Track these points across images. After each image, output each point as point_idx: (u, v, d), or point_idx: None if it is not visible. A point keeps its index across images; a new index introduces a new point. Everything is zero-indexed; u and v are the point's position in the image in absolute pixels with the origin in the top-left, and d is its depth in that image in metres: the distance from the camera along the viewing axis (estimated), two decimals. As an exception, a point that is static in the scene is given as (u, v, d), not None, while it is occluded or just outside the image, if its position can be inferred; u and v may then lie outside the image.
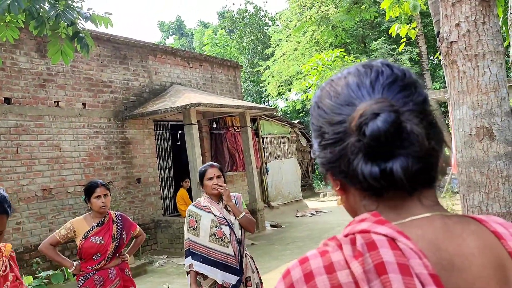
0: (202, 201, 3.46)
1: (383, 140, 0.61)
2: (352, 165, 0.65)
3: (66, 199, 8.12)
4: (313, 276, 0.58)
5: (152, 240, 9.42)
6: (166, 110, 9.10)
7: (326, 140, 0.69)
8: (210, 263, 3.29)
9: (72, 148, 8.33)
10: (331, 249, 0.61)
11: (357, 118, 0.63)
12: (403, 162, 0.62)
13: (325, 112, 0.70)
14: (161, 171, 10.24)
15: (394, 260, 0.55)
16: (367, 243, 0.58)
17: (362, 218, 0.64)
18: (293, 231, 10.87)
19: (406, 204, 0.65)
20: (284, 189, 14.62)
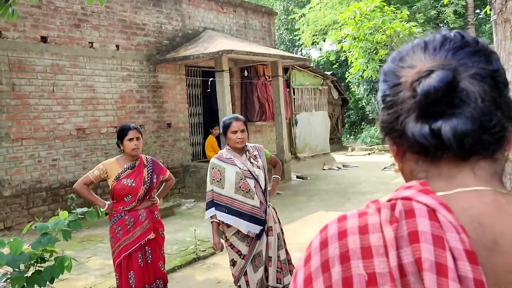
0: (224, 154, 3.48)
1: (435, 98, 0.60)
2: (404, 124, 0.64)
3: (99, 140, 8.36)
4: (346, 234, 0.60)
5: (180, 184, 9.69)
6: (198, 56, 9.04)
7: (386, 102, 0.69)
8: (235, 214, 3.36)
9: (105, 90, 8.45)
10: (370, 212, 0.62)
11: (412, 76, 0.63)
12: (453, 122, 0.60)
13: (385, 75, 0.71)
14: (191, 117, 10.34)
15: (429, 230, 0.54)
16: (406, 211, 0.57)
17: (409, 185, 0.63)
18: (318, 184, 10.96)
19: (457, 174, 0.63)
20: (312, 141, 14.58)
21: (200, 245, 5.84)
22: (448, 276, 0.51)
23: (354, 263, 0.57)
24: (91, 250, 6.04)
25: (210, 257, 5.63)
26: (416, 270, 0.53)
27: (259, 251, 3.42)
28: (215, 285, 4.72)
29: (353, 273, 0.56)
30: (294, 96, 13.90)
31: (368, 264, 0.56)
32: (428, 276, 0.51)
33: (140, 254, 3.53)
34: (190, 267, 5.31)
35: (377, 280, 0.55)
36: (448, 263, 0.52)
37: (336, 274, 0.57)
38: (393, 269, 0.54)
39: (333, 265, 0.58)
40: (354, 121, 24.05)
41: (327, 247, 0.60)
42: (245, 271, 3.41)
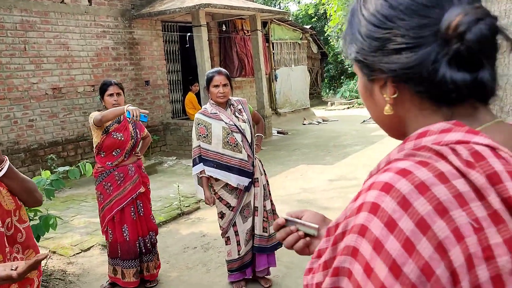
0: (209, 109, 3.45)
1: (486, 47, 0.59)
2: (437, 71, 0.62)
3: (76, 99, 8.20)
4: (427, 186, 0.55)
5: (161, 142, 9.66)
6: (175, 10, 8.78)
7: (399, 44, 0.64)
8: (224, 168, 3.40)
9: (80, 47, 8.20)
10: (431, 160, 0.58)
11: (458, 22, 0.60)
12: (490, 72, 0.62)
13: (402, 13, 0.64)
14: (169, 74, 10.17)
15: (503, 169, 0.56)
16: (472, 154, 0.57)
17: (443, 128, 0.62)
18: (299, 138, 11.07)
19: (476, 113, 0.66)
20: (292, 96, 14.59)
21: (184, 201, 5.92)
22: None
23: (455, 213, 0.54)
24: (75, 209, 6.07)
25: (194, 212, 5.74)
26: (505, 209, 0.54)
27: (248, 202, 3.50)
28: (200, 238, 4.83)
29: (459, 223, 0.53)
30: (273, 51, 13.74)
31: (468, 211, 0.54)
32: None
33: (132, 207, 3.58)
34: (175, 222, 5.41)
35: (482, 225, 0.53)
36: None
37: (441, 229, 0.53)
38: (499, 211, 0.54)
39: (432, 222, 0.53)
40: (333, 76, 24.03)
41: (411, 205, 0.54)
42: (233, 222, 3.50)
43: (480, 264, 0.52)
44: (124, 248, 3.57)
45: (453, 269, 0.52)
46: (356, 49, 0.71)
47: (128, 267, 3.60)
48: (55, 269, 4.17)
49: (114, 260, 3.64)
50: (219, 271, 4.00)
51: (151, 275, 3.74)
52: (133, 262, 3.60)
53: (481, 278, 0.52)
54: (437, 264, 0.52)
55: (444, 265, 0.52)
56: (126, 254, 3.58)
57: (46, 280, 3.93)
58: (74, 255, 4.51)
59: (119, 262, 3.61)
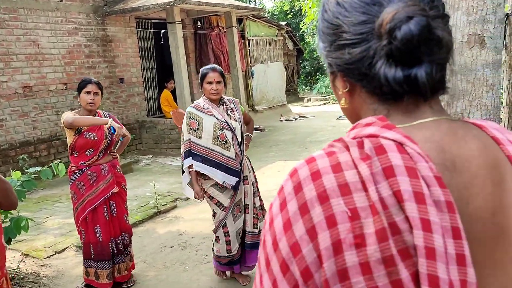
0: (202, 103, 3.45)
1: (415, 45, 0.60)
2: (374, 67, 0.64)
3: (48, 98, 8.01)
4: (320, 174, 0.60)
5: (137, 140, 9.54)
6: (148, 7, 8.67)
7: (345, 40, 0.67)
8: (212, 164, 3.38)
9: (51, 44, 8.01)
10: (338, 150, 0.62)
11: (389, 20, 0.61)
12: (428, 69, 0.62)
13: (346, 10, 0.67)
14: (144, 71, 10.04)
15: (402, 163, 0.57)
16: (376, 147, 0.59)
17: (368, 122, 0.64)
18: (276, 135, 11.10)
19: (417, 109, 0.66)
20: (269, 93, 14.61)
21: (161, 199, 5.86)
22: (426, 203, 0.55)
23: (334, 201, 0.58)
24: (48, 210, 5.94)
25: (171, 211, 5.69)
26: (395, 201, 0.56)
27: (238, 201, 3.50)
28: (178, 237, 4.80)
29: (335, 211, 0.57)
30: (249, 48, 13.73)
31: (348, 200, 0.57)
32: (409, 205, 0.55)
33: (105, 208, 3.52)
34: (151, 221, 5.35)
35: (359, 215, 0.56)
36: (424, 190, 0.56)
37: (317, 215, 0.58)
38: (375, 203, 0.56)
39: (312, 207, 0.58)
40: (309, 72, 24.18)
41: (302, 190, 0.60)
42: (224, 223, 3.48)
43: (348, 249, 0.56)
44: (97, 249, 3.52)
45: (319, 251, 0.57)
46: (321, 45, 0.74)
47: (102, 268, 3.54)
48: (28, 272, 4.07)
49: (87, 261, 3.57)
50: (197, 269, 3.98)
51: (122, 277, 3.68)
52: (106, 263, 3.54)
53: (348, 262, 0.56)
54: (305, 244, 0.58)
55: (312, 246, 0.57)
56: (100, 255, 3.52)
57: (19, 284, 3.83)
58: (47, 257, 4.41)
59: (92, 263, 3.55)
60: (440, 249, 0.54)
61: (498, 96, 1.89)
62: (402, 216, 0.55)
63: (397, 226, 0.55)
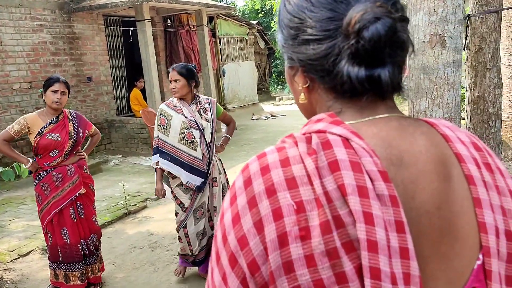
0: (174, 101, 3.45)
1: (381, 45, 0.61)
2: (337, 65, 0.64)
3: (12, 96, 7.75)
4: (269, 169, 0.61)
5: (106, 140, 9.36)
6: (117, 4, 8.51)
7: (309, 35, 0.66)
8: (177, 163, 3.37)
9: (15, 42, 7.76)
10: (287, 146, 0.64)
11: (357, 20, 0.61)
12: (391, 70, 0.63)
13: (313, 5, 0.67)
14: (113, 70, 9.85)
15: (347, 158, 0.58)
16: (322, 142, 0.60)
17: (318, 118, 0.65)
18: (248, 133, 11.11)
19: (371, 106, 0.67)
20: (241, 92, 14.60)
21: (130, 200, 5.77)
22: (369, 196, 0.56)
23: (281, 194, 0.58)
24: (12, 212, 5.76)
25: (141, 211, 5.61)
26: (340, 195, 0.56)
27: (202, 203, 3.48)
28: (148, 237, 4.74)
29: (281, 204, 0.58)
30: (220, 46, 13.68)
31: (294, 193, 0.58)
32: (352, 199, 0.56)
33: (72, 209, 3.44)
34: (121, 222, 5.26)
35: (305, 208, 0.57)
36: (367, 184, 0.56)
37: (264, 208, 0.59)
38: (319, 196, 0.57)
39: (260, 200, 0.59)
40: (281, 71, 24.26)
41: (251, 185, 0.61)
42: (184, 224, 3.46)
43: (294, 242, 0.56)
44: (65, 251, 3.43)
45: (265, 243, 0.58)
46: (281, 37, 0.74)
47: (73, 270, 3.46)
48: (-10, 277, 3.94)
49: (55, 264, 3.48)
50: (167, 269, 3.94)
51: (95, 278, 3.62)
52: (77, 265, 3.46)
53: (293, 255, 0.56)
54: (252, 237, 0.59)
55: (259, 239, 0.58)
56: (68, 257, 3.44)
57: (-19, 289, 3.70)
58: (11, 261, 4.27)
59: (61, 266, 3.46)
60: (382, 242, 0.54)
61: (459, 95, 1.94)
62: (346, 209, 0.56)
63: (341, 219, 0.56)
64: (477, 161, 0.67)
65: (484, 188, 0.65)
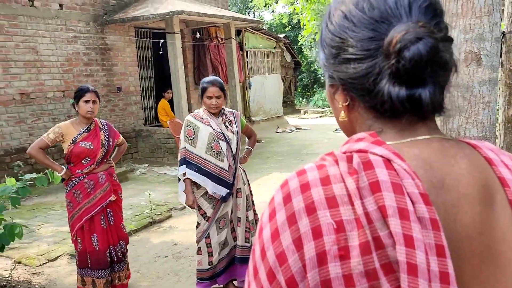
0: (201, 113, 3.49)
1: (422, 65, 0.61)
2: (378, 84, 0.64)
3: (45, 104, 8.00)
4: (309, 186, 0.61)
5: (133, 149, 9.52)
6: (148, 17, 8.72)
7: (350, 54, 0.67)
8: (204, 174, 3.40)
9: (50, 52, 8.02)
10: (328, 164, 0.64)
11: (399, 39, 0.61)
12: (432, 90, 0.63)
13: (354, 25, 0.67)
14: (142, 81, 10.06)
15: (388, 179, 0.58)
16: (363, 162, 0.60)
17: (360, 137, 0.65)
18: (273, 146, 11.12)
19: (412, 127, 0.67)
20: (266, 104, 14.66)
21: (155, 209, 5.84)
22: (410, 219, 0.56)
23: (321, 213, 0.59)
24: (42, 217, 5.90)
25: (166, 221, 5.67)
26: (380, 216, 0.56)
27: (224, 214, 3.49)
28: (172, 247, 4.77)
29: (321, 222, 0.58)
30: (247, 59, 13.80)
31: (334, 212, 0.58)
32: (393, 221, 0.56)
33: (102, 216, 3.51)
34: (145, 231, 5.32)
35: (345, 227, 0.57)
36: (408, 207, 0.56)
37: (304, 226, 0.59)
38: (360, 216, 0.57)
39: (300, 218, 0.60)
40: (306, 84, 24.30)
41: (291, 201, 0.61)
42: (207, 234, 3.47)
43: (332, 261, 0.57)
44: (94, 258, 3.49)
45: (304, 261, 0.58)
46: (322, 56, 0.75)
47: (99, 276, 3.51)
48: (20, 280, 4.04)
49: (83, 270, 3.54)
50: (191, 280, 3.95)
51: (122, 285, 3.67)
52: (104, 272, 3.51)
53: (331, 273, 0.57)
54: (291, 254, 0.59)
55: (298, 256, 0.59)
56: (96, 263, 3.49)
57: (10, 292, 3.80)
58: (40, 265, 4.37)
59: (89, 272, 3.52)
60: (422, 266, 0.54)
61: (494, 114, 1.91)
62: (386, 231, 0.56)
63: (381, 241, 0.56)
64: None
65: None
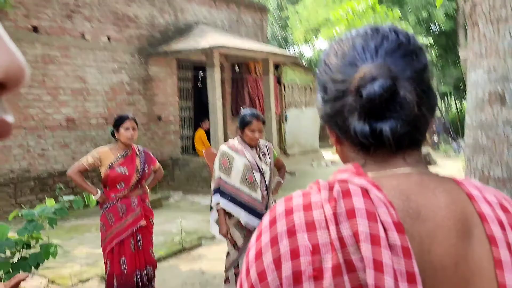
0: (236, 144, 3.54)
1: (377, 103, 0.67)
2: (347, 121, 0.71)
3: (89, 131, 8.38)
4: (292, 211, 0.67)
5: (169, 177, 9.74)
6: (190, 50, 9.08)
7: (327, 95, 0.75)
8: (237, 204, 3.44)
9: (96, 81, 8.47)
10: (312, 192, 0.69)
11: (357, 80, 0.68)
12: (392, 124, 0.68)
13: (330, 70, 0.75)
14: (181, 111, 10.38)
15: (363, 207, 0.63)
16: (343, 191, 0.65)
17: (344, 169, 0.71)
18: (307, 180, 11.06)
19: (390, 160, 0.72)
20: (302, 137, 14.68)
21: (186, 236, 5.92)
22: (381, 245, 0.60)
23: (299, 236, 0.63)
24: (78, 239, 6.10)
25: (196, 249, 5.72)
26: (354, 241, 0.61)
27: None
28: (200, 276, 4.81)
29: (299, 244, 0.63)
30: (285, 92, 13.97)
31: (312, 236, 0.63)
32: (364, 246, 0.60)
33: (132, 240, 3.61)
34: (175, 258, 5.39)
35: (320, 250, 0.62)
36: (380, 233, 0.60)
37: (284, 246, 0.64)
38: (334, 240, 0.61)
39: (281, 240, 0.65)
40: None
41: (275, 224, 0.67)
42: (237, 264, 3.49)
43: (307, 281, 0.61)
44: (120, 281, 3.58)
45: (281, 279, 0.63)
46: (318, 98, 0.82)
47: (125, 299, 3.59)
48: (52, 299, 4.17)
49: (110, 292, 3.63)
50: (215, 309, 3.96)
51: (147, 309, 3.72)
52: None
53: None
54: (270, 273, 0.64)
55: (276, 275, 0.63)
56: (123, 286, 3.58)
57: (42, 309, 3.92)
58: (72, 286, 4.50)
59: (115, 294, 3.60)
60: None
61: (519, 154, 1.89)
62: (359, 255, 0.60)
63: (353, 264, 0.59)
64: (501, 222, 0.67)
65: (507, 250, 0.65)
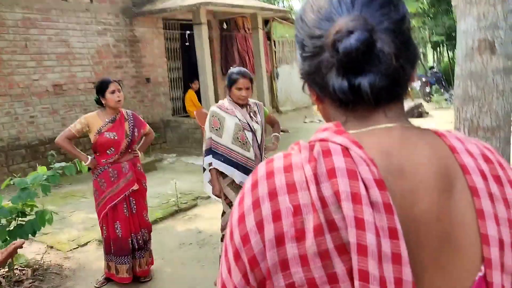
0: (226, 104, 3.51)
1: (354, 57, 0.64)
2: (325, 78, 0.69)
3: (77, 96, 8.26)
4: (273, 174, 0.66)
5: (161, 139, 9.71)
6: (175, 8, 8.82)
7: (306, 52, 0.72)
8: (231, 164, 3.45)
9: (81, 44, 8.26)
10: (294, 153, 0.68)
11: (333, 35, 0.66)
12: (371, 79, 0.65)
13: (307, 26, 0.72)
14: (170, 72, 10.22)
15: (344, 166, 0.61)
16: (323, 151, 0.64)
17: (325, 127, 0.69)
18: (300, 136, 11.09)
19: (371, 116, 0.70)
20: (294, 94, 14.60)
21: (181, 197, 5.97)
22: (362, 203, 0.59)
23: (281, 198, 0.63)
24: (73, 205, 6.14)
25: (191, 209, 5.79)
26: (335, 201, 0.60)
27: None
28: (196, 235, 4.89)
29: (281, 206, 0.62)
30: (275, 49, 13.76)
31: (293, 197, 0.62)
32: (345, 204, 0.59)
33: (125, 204, 3.63)
34: (171, 219, 5.46)
35: (302, 211, 0.61)
36: (361, 191, 0.59)
37: (266, 209, 0.63)
38: (315, 200, 0.60)
39: (263, 202, 0.64)
40: (336, 74, 24.01)
41: (257, 187, 0.66)
42: None
43: (290, 242, 0.61)
44: (117, 245, 3.63)
45: (264, 242, 0.63)
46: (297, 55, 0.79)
47: (121, 263, 3.65)
48: (51, 264, 4.24)
49: (108, 255, 3.69)
50: (213, 267, 4.05)
51: (143, 271, 3.79)
52: (126, 259, 3.65)
53: (288, 254, 0.61)
54: (253, 236, 0.64)
55: (259, 238, 0.63)
56: (119, 250, 3.63)
57: (42, 275, 3.99)
58: (70, 250, 4.57)
59: (113, 258, 3.67)
60: (372, 247, 0.57)
61: (508, 103, 1.87)
62: (340, 214, 0.59)
63: (335, 223, 0.59)
64: (484, 172, 0.67)
65: (489, 200, 0.65)
